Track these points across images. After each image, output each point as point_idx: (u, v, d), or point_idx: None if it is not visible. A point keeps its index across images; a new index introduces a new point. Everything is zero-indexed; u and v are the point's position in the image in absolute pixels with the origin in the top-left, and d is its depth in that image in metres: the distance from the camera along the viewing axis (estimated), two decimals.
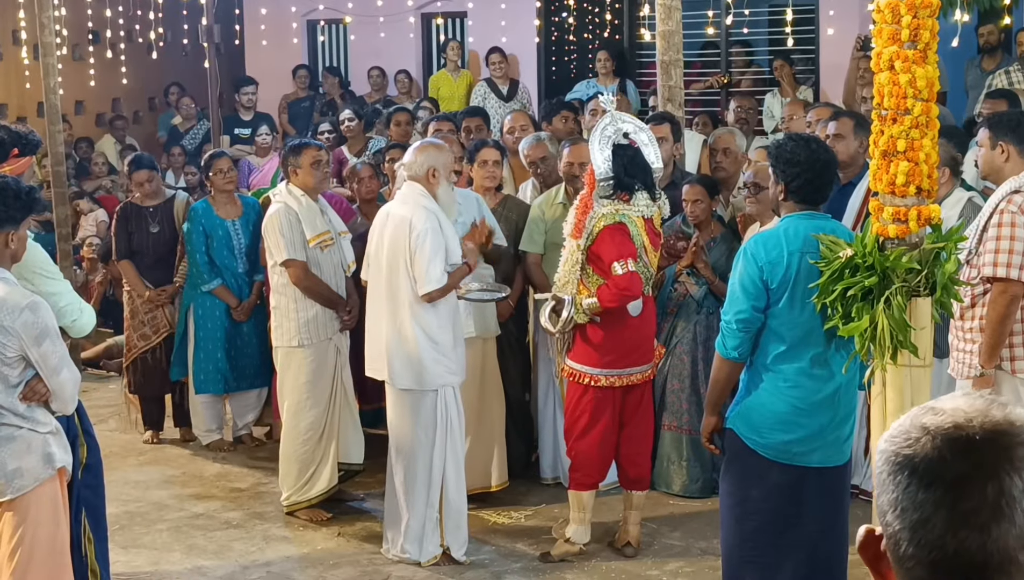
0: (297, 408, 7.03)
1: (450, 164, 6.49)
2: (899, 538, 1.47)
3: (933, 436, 1.48)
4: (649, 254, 6.26)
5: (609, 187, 6.11)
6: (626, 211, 6.13)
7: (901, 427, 1.53)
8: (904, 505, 1.47)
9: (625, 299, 6.14)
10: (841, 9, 12.12)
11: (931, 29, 4.35)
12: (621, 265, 6.05)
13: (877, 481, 1.53)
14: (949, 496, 1.44)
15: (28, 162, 5.72)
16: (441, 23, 14.44)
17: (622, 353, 6.30)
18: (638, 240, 6.16)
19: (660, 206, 6.34)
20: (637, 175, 6.14)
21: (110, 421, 9.07)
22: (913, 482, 1.47)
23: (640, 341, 6.36)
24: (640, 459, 6.53)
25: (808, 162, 4.96)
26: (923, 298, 4.39)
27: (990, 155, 5.71)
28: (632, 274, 6.07)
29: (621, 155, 6.12)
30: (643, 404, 6.50)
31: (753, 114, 9.95)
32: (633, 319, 6.30)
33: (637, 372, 6.35)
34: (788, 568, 5.04)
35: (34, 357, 4.71)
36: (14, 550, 4.76)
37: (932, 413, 1.51)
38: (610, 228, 6.10)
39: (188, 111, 13.75)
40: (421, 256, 6.16)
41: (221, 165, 8.31)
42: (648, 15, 10.31)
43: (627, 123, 6.24)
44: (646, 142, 6.23)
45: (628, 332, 6.29)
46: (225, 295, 8.26)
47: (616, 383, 6.30)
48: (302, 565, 6.50)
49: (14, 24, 12.27)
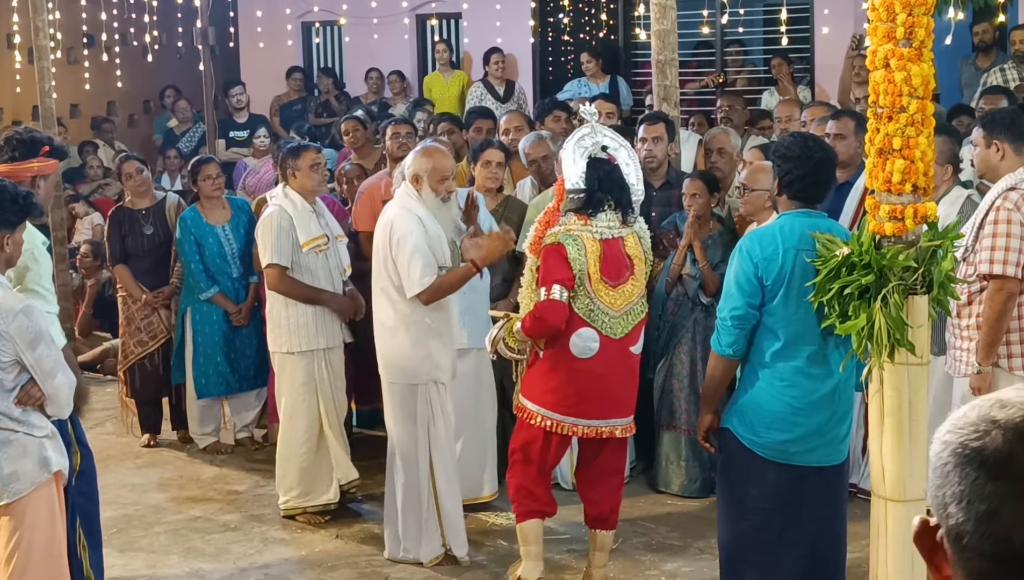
0: (293, 410, 7.03)
1: (440, 171, 6.23)
2: (962, 530, 1.47)
3: (1004, 429, 1.48)
4: (596, 283, 5.63)
5: (578, 201, 5.69)
6: (578, 232, 5.64)
7: (967, 419, 1.52)
8: (971, 497, 1.46)
9: (540, 327, 5.63)
10: (836, 8, 12.14)
11: (926, 27, 4.34)
12: (545, 290, 5.59)
13: (938, 472, 1.52)
14: (1019, 489, 1.44)
15: (55, 165, 5.70)
16: (436, 24, 14.44)
17: (573, 397, 5.70)
18: (578, 265, 5.60)
19: (637, 230, 5.82)
20: (612, 191, 5.68)
21: (107, 424, 9.06)
22: (982, 475, 1.46)
23: (599, 391, 5.70)
24: (603, 498, 5.96)
25: (802, 158, 4.97)
26: (920, 296, 4.38)
27: (985, 153, 5.72)
28: (551, 303, 5.57)
29: (597, 168, 5.69)
30: (604, 454, 5.92)
31: (742, 113, 9.93)
32: (582, 362, 5.67)
33: (595, 426, 5.75)
34: (786, 567, 5.04)
35: (28, 361, 4.70)
36: (11, 554, 4.76)
37: (1000, 406, 1.51)
38: (547, 249, 5.66)
39: (184, 114, 13.74)
40: (400, 259, 6.14)
41: (209, 171, 8.30)
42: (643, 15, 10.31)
43: (608, 137, 5.82)
44: (627, 161, 5.79)
45: (577, 375, 5.68)
46: (222, 302, 8.25)
47: (564, 431, 5.77)
48: (300, 567, 6.49)
49: (8, 28, 12.25)
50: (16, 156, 5.59)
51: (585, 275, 5.62)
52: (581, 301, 5.64)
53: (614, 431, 5.80)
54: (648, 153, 7.53)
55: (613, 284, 5.68)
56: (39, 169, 5.55)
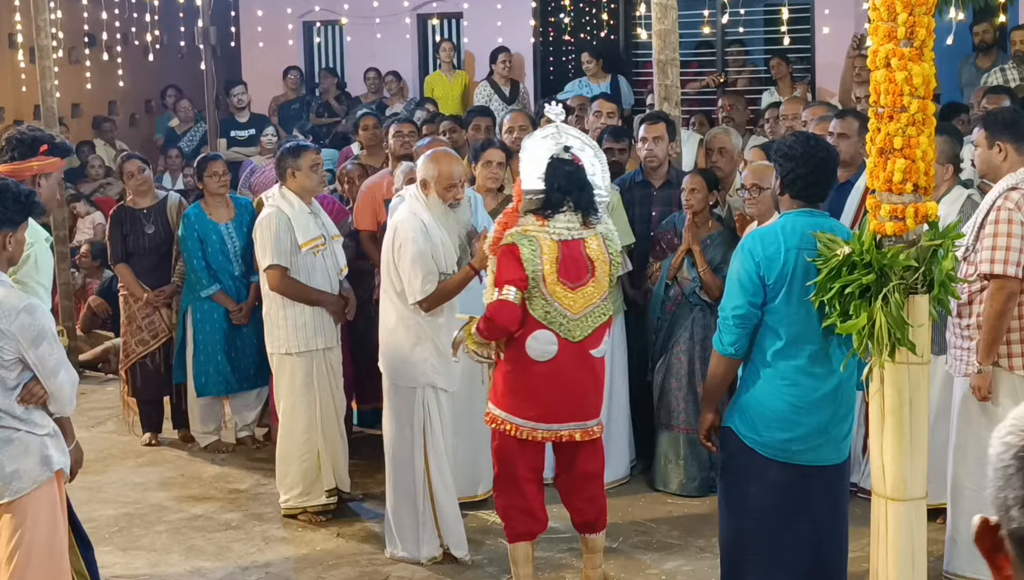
0: (293, 411, 7.04)
1: (446, 178, 6.18)
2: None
3: None
4: (552, 285, 5.53)
5: (536, 201, 5.61)
6: (535, 233, 5.56)
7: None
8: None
9: (492, 329, 5.57)
10: (836, 8, 12.14)
11: (927, 26, 4.35)
12: (497, 291, 5.54)
13: (1000, 474, 1.50)
14: None
15: (58, 163, 5.70)
16: (437, 24, 14.44)
17: (532, 400, 5.62)
18: (532, 265, 5.52)
19: (602, 231, 5.70)
20: (571, 192, 5.57)
21: (108, 423, 9.07)
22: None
23: (559, 394, 5.61)
24: (584, 505, 5.87)
25: (804, 157, 4.97)
26: (921, 295, 4.39)
27: (987, 154, 5.71)
28: (501, 303, 5.50)
29: (556, 169, 5.58)
30: (580, 457, 5.80)
31: (743, 113, 9.94)
32: (541, 366, 5.59)
33: (556, 429, 5.67)
34: (787, 566, 5.04)
35: (31, 359, 4.71)
36: (12, 553, 4.75)
37: None
38: (502, 249, 5.58)
39: (186, 113, 13.75)
40: (401, 266, 6.14)
41: (215, 168, 8.32)
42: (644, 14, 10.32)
43: (573, 137, 5.74)
44: (592, 161, 5.70)
45: (536, 378, 5.59)
46: (224, 300, 8.26)
47: (524, 435, 5.67)
48: (301, 566, 6.49)
49: (10, 27, 12.26)
50: (15, 156, 5.59)
51: (539, 276, 5.52)
52: (536, 303, 5.55)
53: (574, 435, 5.69)
54: (649, 153, 7.54)
55: (572, 286, 5.58)
56: (39, 168, 5.56)
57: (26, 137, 5.67)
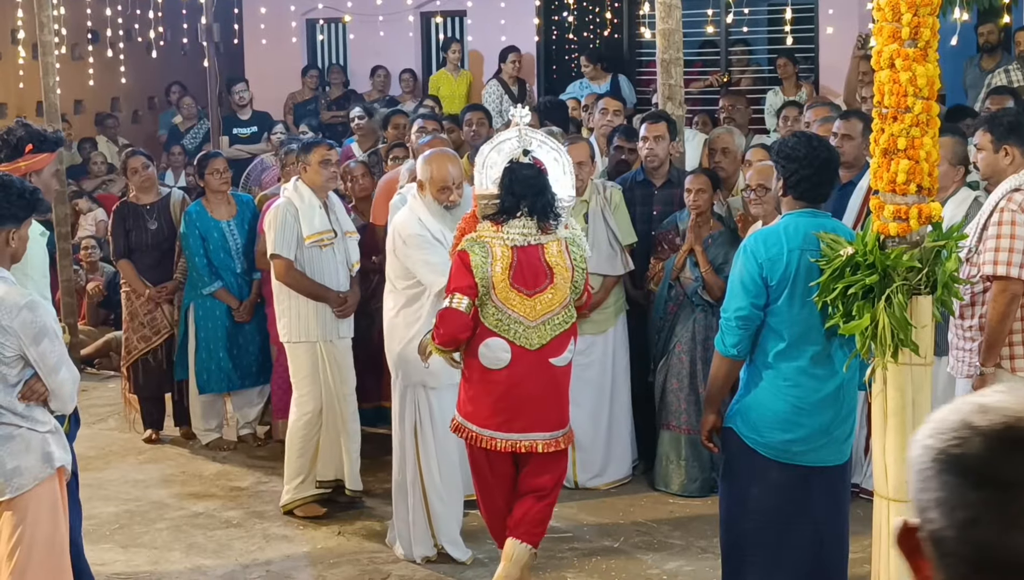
0: (298, 400, 7.10)
1: (440, 180, 6.10)
2: (943, 535, 1.46)
3: (984, 436, 1.46)
4: (504, 291, 5.40)
5: (491, 207, 5.47)
6: (489, 238, 5.44)
7: (948, 424, 1.50)
8: (952, 504, 1.45)
9: (440, 337, 5.45)
10: (840, 8, 12.12)
11: (932, 27, 4.35)
12: (448, 298, 5.46)
13: (920, 477, 1.51)
14: (1000, 497, 1.43)
15: (46, 158, 5.69)
16: (440, 22, 14.43)
17: (489, 409, 5.49)
18: (481, 272, 5.39)
19: (567, 236, 5.52)
20: (526, 197, 5.40)
21: (109, 420, 9.07)
22: (963, 482, 1.45)
23: (515, 403, 5.45)
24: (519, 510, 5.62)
25: (807, 158, 4.96)
26: (924, 296, 4.39)
27: (993, 158, 5.69)
28: (447, 311, 5.40)
29: (512, 173, 5.42)
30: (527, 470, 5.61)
31: (745, 113, 9.92)
32: (495, 374, 5.46)
33: (514, 439, 5.49)
34: (788, 567, 5.03)
35: (32, 356, 4.70)
36: (13, 549, 4.75)
37: (980, 411, 1.48)
38: (456, 255, 5.51)
39: (189, 110, 13.74)
40: (410, 263, 6.11)
41: (216, 165, 8.33)
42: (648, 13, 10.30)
43: (537, 141, 5.59)
44: (555, 164, 5.55)
45: (491, 387, 5.47)
46: (226, 297, 8.26)
47: (483, 444, 5.54)
48: (302, 564, 6.49)
49: (12, 23, 12.26)
50: (2, 157, 5.62)
51: (490, 283, 5.39)
52: (488, 310, 5.43)
53: (535, 445, 5.50)
54: (650, 152, 7.53)
55: (529, 293, 5.44)
56: (27, 168, 5.56)
57: (11, 139, 5.68)
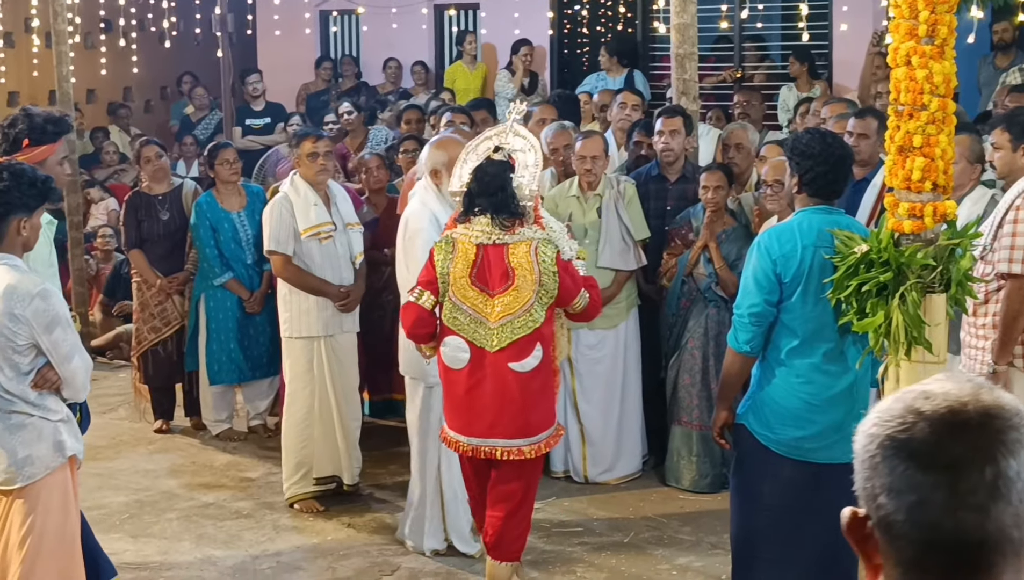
0: (294, 396, 7.08)
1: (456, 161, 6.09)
2: (892, 519, 1.53)
3: (929, 421, 1.53)
4: (461, 289, 5.35)
5: (458, 205, 5.52)
6: (458, 235, 5.40)
7: (892, 411, 1.57)
8: (900, 487, 1.52)
9: (405, 331, 5.55)
10: (855, 5, 12.08)
11: (948, 25, 4.33)
12: (411, 293, 5.48)
13: (867, 465, 1.57)
14: (947, 478, 1.49)
15: (46, 150, 5.68)
16: (454, 14, 14.43)
17: (453, 410, 5.48)
18: (442, 268, 5.36)
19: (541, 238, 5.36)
20: (483, 195, 5.35)
21: (120, 410, 9.08)
22: (911, 466, 1.51)
23: (475, 406, 5.40)
24: (490, 524, 5.57)
25: (822, 155, 4.95)
26: (938, 294, 4.37)
27: (1011, 157, 5.68)
28: (407, 305, 5.45)
29: (479, 171, 5.39)
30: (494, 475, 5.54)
31: (758, 108, 9.91)
32: (455, 374, 5.43)
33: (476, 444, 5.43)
34: (799, 564, 5.02)
35: (45, 345, 4.71)
36: (24, 538, 4.76)
37: (924, 397, 1.55)
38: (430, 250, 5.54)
39: (201, 101, 13.75)
40: (412, 257, 6.06)
41: (227, 156, 8.31)
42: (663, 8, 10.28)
43: (519, 139, 5.52)
44: (527, 162, 5.46)
45: (453, 387, 5.47)
46: (237, 288, 8.26)
47: (457, 448, 5.54)
48: (312, 556, 6.50)
49: (27, 11, 12.28)
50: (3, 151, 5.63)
51: (448, 280, 5.36)
52: (446, 307, 5.41)
53: (494, 451, 5.42)
54: (665, 146, 7.52)
55: (490, 293, 5.35)
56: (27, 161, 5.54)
57: (10, 133, 5.67)
